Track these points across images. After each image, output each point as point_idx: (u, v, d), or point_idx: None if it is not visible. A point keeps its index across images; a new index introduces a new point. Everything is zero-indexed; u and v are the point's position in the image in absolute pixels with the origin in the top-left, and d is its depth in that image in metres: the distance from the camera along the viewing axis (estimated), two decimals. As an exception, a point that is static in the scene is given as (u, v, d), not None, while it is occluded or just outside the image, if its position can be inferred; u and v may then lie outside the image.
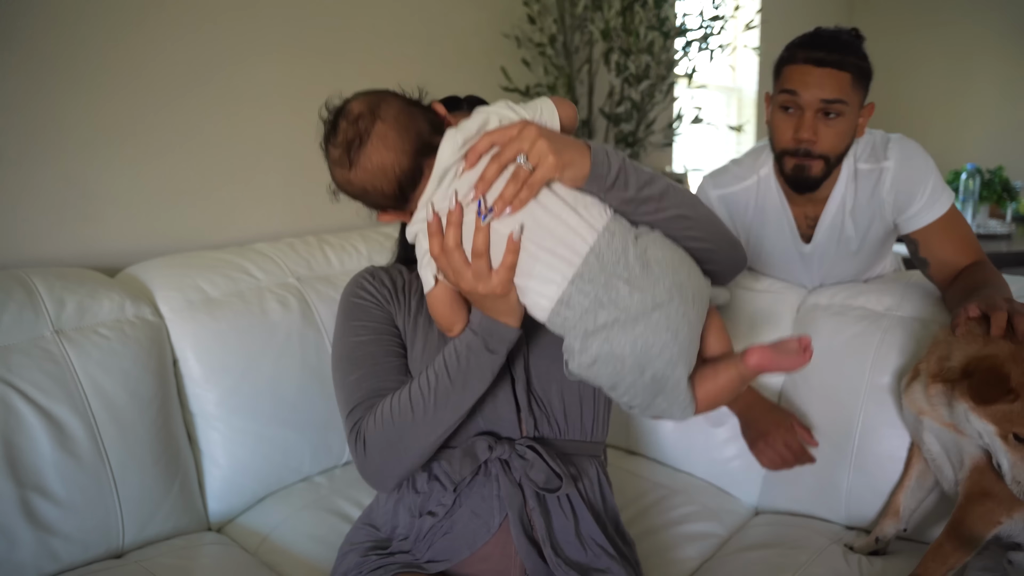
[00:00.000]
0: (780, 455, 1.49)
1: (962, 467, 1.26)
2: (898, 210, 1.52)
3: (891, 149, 1.51)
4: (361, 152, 0.97)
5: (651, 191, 0.99)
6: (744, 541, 1.50)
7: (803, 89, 1.43)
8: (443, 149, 0.96)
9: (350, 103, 1.00)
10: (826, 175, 1.49)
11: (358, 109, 0.98)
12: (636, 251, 0.96)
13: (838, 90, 1.42)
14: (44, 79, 1.56)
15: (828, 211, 1.57)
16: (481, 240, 0.93)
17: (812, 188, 1.52)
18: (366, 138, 0.96)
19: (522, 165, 0.92)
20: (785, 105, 1.46)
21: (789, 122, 1.47)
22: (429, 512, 1.14)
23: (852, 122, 1.46)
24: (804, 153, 1.46)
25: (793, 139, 1.46)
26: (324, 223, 2.07)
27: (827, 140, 1.45)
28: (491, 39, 2.51)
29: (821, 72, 1.42)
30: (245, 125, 1.90)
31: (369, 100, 0.99)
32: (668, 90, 2.71)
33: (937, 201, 1.50)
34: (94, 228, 1.67)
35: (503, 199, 0.92)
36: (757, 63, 4.13)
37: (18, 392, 1.28)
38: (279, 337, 1.60)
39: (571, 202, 0.96)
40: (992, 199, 3.89)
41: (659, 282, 0.94)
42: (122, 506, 1.36)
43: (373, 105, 0.98)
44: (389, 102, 0.99)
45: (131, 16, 1.67)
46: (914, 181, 1.49)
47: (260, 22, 1.90)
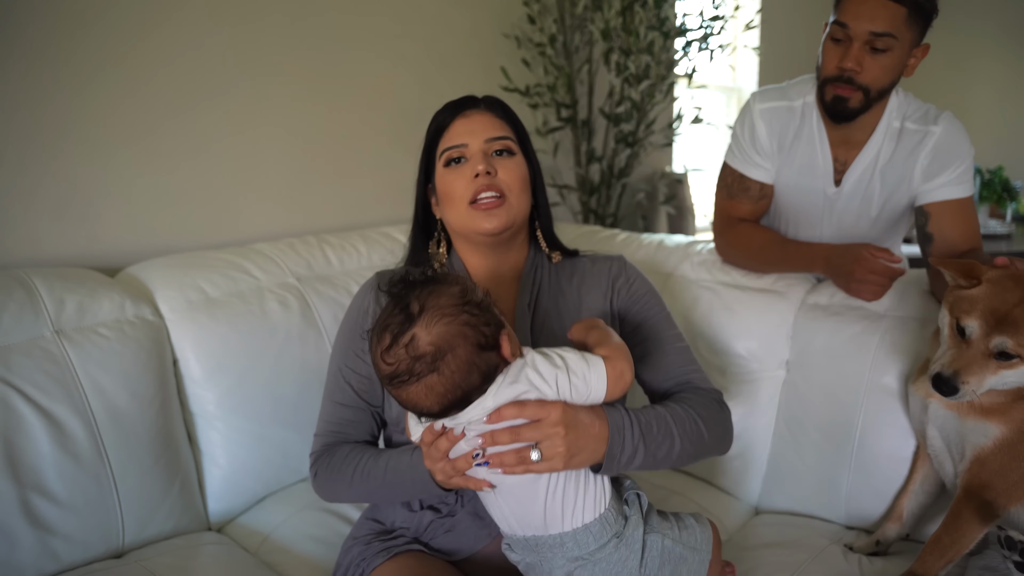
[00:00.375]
0: (873, 284, 1.50)
1: (963, 459, 1.26)
2: (926, 176, 1.54)
3: (943, 119, 1.53)
4: (404, 387, 0.93)
5: (661, 453, 1.04)
6: (744, 541, 1.50)
7: (854, 20, 1.43)
8: (470, 412, 0.94)
9: (418, 329, 0.91)
10: (864, 108, 1.51)
11: (424, 347, 0.90)
12: (617, 554, 0.99)
13: (889, 23, 1.42)
14: (45, 80, 1.56)
15: (863, 159, 1.59)
16: (463, 465, 0.97)
17: (848, 119, 1.54)
18: (414, 380, 0.91)
19: (531, 449, 0.94)
20: (835, 36, 1.47)
21: (836, 51, 1.48)
22: (431, 507, 1.15)
23: (901, 58, 1.47)
24: (847, 81, 1.47)
25: (837, 67, 1.48)
26: (324, 223, 2.07)
27: (871, 72, 1.46)
28: (491, 39, 2.51)
29: (876, 2, 1.41)
30: (245, 125, 1.90)
31: (440, 341, 0.91)
32: (668, 90, 2.71)
33: (963, 182, 1.53)
34: (94, 228, 1.67)
35: (500, 462, 0.95)
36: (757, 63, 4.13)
37: (18, 392, 1.28)
38: (279, 337, 1.60)
39: (563, 486, 0.98)
40: (992, 199, 3.90)
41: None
42: (122, 506, 1.36)
43: (441, 350, 0.91)
44: (457, 352, 0.91)
45: (133, 19, 1.67)
46: (953, 154, 1.52)
47: (261, 23, 1.90)
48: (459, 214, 1.16)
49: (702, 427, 1.09)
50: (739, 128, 1.69)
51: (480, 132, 1.17)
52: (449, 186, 1.17)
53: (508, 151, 1.18)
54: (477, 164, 1.14)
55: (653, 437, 1.02)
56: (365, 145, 2.18)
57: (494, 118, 1.20)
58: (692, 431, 1.07)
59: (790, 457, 1.60)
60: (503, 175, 1.15)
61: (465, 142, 1.17)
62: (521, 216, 1.18)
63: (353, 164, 2.16)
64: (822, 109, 1.58)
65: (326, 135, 2.08)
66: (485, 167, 1.13)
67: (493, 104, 1.22)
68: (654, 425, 1.03)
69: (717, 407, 1.15)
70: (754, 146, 1.66)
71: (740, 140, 1.69)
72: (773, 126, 1.64)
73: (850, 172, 1.60)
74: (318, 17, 2.02)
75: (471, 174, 1.14)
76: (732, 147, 1.72)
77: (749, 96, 1.70)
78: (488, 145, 1.17)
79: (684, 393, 1.16)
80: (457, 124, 1.19)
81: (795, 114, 1.63)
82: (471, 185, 1.14)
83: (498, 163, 1.16)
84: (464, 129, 1.18)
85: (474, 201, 1.14)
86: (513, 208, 1.15)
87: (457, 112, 1.20)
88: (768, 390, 1.64)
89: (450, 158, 1.17)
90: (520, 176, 1.17)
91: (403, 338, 0.91)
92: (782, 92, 1.66)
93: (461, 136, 1.17)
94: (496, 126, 1.19)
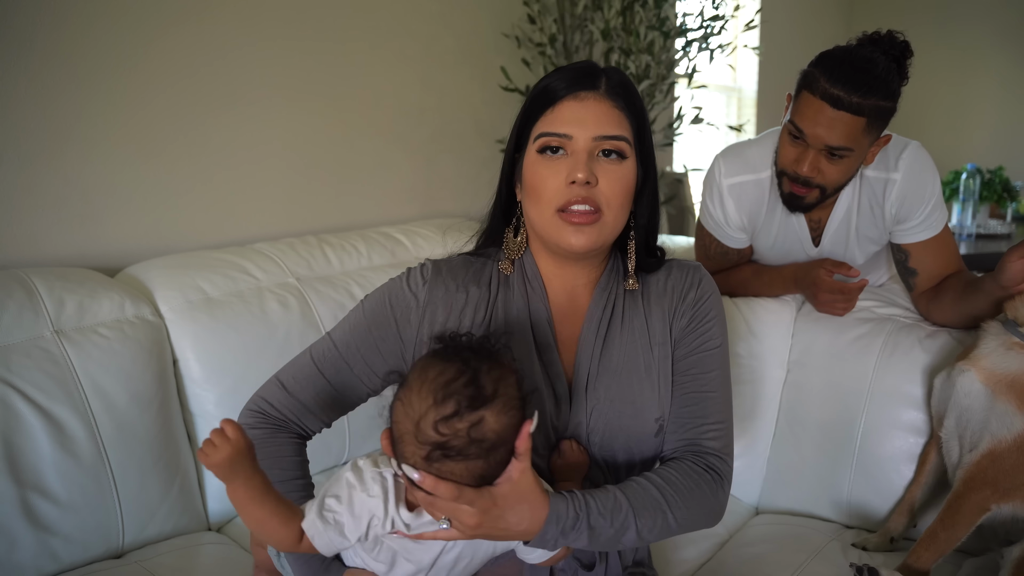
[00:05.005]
0: (837, 303, 1.50)
1: (974, 449, 1.25)
2: (897, 221, 1.53)
3: (903, 160, 1.48)
4: (444, 460, 0.83)
5: (607, 542, 0.92)
6: (744, 541, 1.50)
7: (811, 130, 1.37)
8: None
9: (489, 413, 0.82)
10: (820, 202, 1.48)
11: (488, 433, 0.82)
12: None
13: (846, 137, 1.35)
14: (45, 81, 1.56)
15: (835, 217, 1.57)
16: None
17: (805, 211, 1.52)
18: (460, 459, 0.82)
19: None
20: (793, 135, 1.42)
21: (793, 151, 1.43)
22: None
23: (859, 159, 1.43)
24: (803, 182, 1.44)
25: (793, 170, 1.44)
26: (324, 223, 2.07)
27: (829, 175, 1.42)
28: (491, 39, 2.51)
29: (833, 115, 1.34)
30: (245, 125, 1.90)
31: (504, 432, 0.83)
32: (668, 90, 2.70)
33: (933, 220, 1.51)
34: (94, 228, 1.67)
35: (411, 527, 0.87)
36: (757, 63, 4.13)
37: (18, 392, 1.28)
38: (279, 337, 1.60)
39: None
40: (992, 199, 3.89)
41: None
42: (122, 506, 1.36)
43: (501, 441, 0.83)
44: (508, 447, 0.84)
45: (132, 17, 1.67)
46: (917, 197, 1.49)
47: (261, 24, 1.90)
48: (543, 217, 0.99)
49: (671, 518, 0.95)
50: (709, 200, 1.63)
51: (592, 125, 0.97)
52: (539, 180, 0.99)
53: (619, 154, 0.99)
54: (578, 168, 0.96)
55: (604, 530, 0.91)
56: (365, 145, 2.18)
57: (612, 108, 0.99)
58: (656, 523, 0.94)
59: (791, 457, 1.60)
60: (605, 185, 0.98)
61: (570, 133, 0.97)
62: (614, 234, 1.02)
63: (353, 164, 2.16)
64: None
65: (326, 135, 2.08)
66: (585, 175, 0.96)
67: (616, 89, 1.00)
68: (608, 522, 0.91)
69: (707, 483, 1.00)
70: (727, 221, 1.61)
71: (712, 213, 1.63)
72: (743, 203, 1.59)
73: (826, 231, 1.59)
74: (318, 17, 2.02)
75: (567, 176, 0.96)
76: (705, 215, 1.66)
77: (713, 160, 1.63)
78: (596, 144, 0.98)
79: (673, 462, 1.02)
80: (566, 106, 0.99)
81: (763, 188, 1.57)
82: (564, 190, 0.97)
83: (602, 169, 0.98)
84: (573, 116, 0.98)
85: (563, 209, 0.97)
86: (607, 226, 0.99)
87: (571, 90, 0.99)
88: (770, 390, 1.64)
89: (547, 145, 0.98)
90: (624, 188, 0.99)
91: (471, 416, 0.81)
92: (746, 161, 1.58)
93: (567, 124, 0.98)
94: (613, 121, 0.99)
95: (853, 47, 1.39)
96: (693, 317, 1.07)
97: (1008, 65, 4.74)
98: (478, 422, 0.81)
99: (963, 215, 3.62)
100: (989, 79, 4.82)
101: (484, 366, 0.83)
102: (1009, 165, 4.18)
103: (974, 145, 4.78)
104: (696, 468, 1.00)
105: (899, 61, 1.38)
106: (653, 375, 1.05)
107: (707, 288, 1.09)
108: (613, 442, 1.03)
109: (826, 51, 1.40)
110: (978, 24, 4.77)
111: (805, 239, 1.61)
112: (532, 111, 1.02)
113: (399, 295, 1.07)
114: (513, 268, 1.08)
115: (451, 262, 1.10)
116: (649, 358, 1.05)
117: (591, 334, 1.05)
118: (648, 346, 1.06)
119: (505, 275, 1.08)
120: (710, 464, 1.02)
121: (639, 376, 1.04)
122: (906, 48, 1.39)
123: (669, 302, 1.07)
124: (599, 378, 1.04)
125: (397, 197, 2.27)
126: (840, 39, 1.45)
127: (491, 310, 1.06)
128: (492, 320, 1.05)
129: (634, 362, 1.05)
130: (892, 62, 1.36)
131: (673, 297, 1.08)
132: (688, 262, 1.12)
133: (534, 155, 1.00)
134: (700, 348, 1.06)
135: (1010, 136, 4.76)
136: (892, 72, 1.36)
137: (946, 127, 4.81)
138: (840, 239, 1.59)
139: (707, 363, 1.06)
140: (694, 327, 1.07)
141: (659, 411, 1.04)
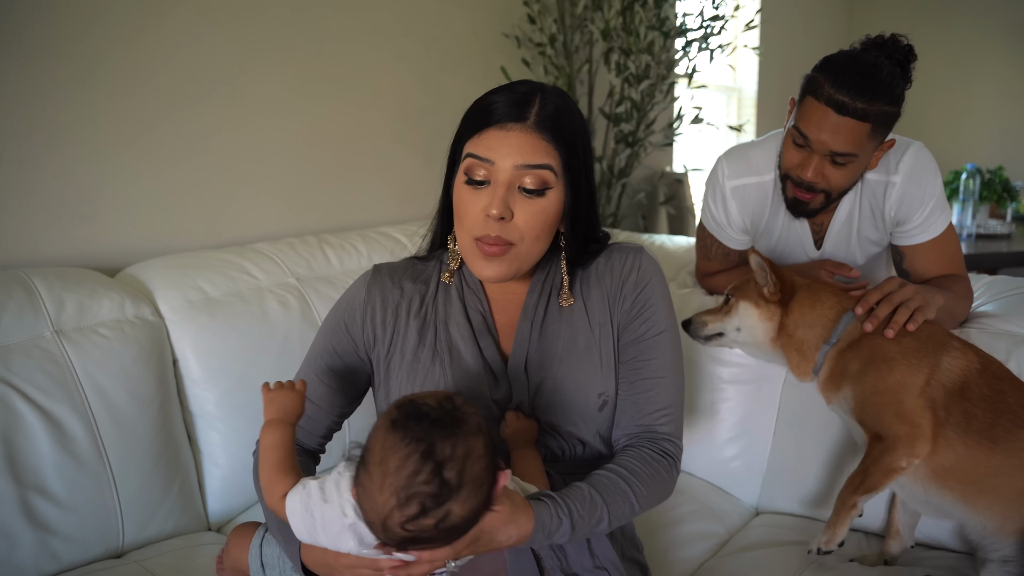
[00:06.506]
0: None
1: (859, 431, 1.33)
2: (896, 223, 1.53)
3: (903, 163, 1.47)
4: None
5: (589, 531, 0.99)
6: (744, 541, 1.50)
7: (816, 136, 1.36)
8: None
9: (456, 505, 0.81)
10: (825, 207, 1.48)
11: (457, 520, 0.82)
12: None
13: (851, 143, 1.34)
14: (45, 79, 1.56)
15: (836, 220, 1.57)
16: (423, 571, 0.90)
17: (809, 216, 1.52)
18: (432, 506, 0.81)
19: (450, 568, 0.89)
20: (797, 141, 1.41)
21: (798, 155, 1.42)
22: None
23: (863, 164, 1.42)
24: (807, 187, 1.43)
25: (798, 175, 1.43)
26: (324, 223, 2.07)
27: (833, 179, 1.41)
28: (491, 39, 2.51)
29: (838, 121, 1.32)
30: (245, 125, 1.90)
31: (473, 515, 0.83)
32: (668, 90, 2.71)
33: (933, 224, 1.50)
34: (94, 228, 1.67)
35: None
36: (757, 63, 4.13)
37: (18, 392, 1.28)
38: (279, 337, 1.60)
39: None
40: (992, 199, 3.89)
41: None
42: (122, 506, 1.36)
43: (471, 520, 0.84)
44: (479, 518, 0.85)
45: (134, 18, 1.67)
46: (916, 199, 1.48)
47: (261, 23, 1.90)
48: (463, 241, 1.05)
49: (635, 502, 1.03)
50: (711, 201, 1.63)
51: (515, 155, 1.00)
52: (462, 207, 1.03)
53: (539, 189, 1.01)
54: (493, 203, 0.99)
55: (584, 525, 0.97)
56: (365, 145, 2.18)
57: (539, 140, 1.01)
58: (623, 509, 1.02)
59: (791, 457, 1.60)
60: (521, 220, 1.01)
61: (493, 159, 1.00)
62: (531, 261, 1.07)
63: (353, 164, 2.16)
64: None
65: (326, 135, 2.08)
66: (499, 211, 0.99)
67: (544, 122, 1.01)
68: (586, 518, 0.97)
69: (664, 468, 1.08)
70: (729, 223, 1.61)
71: (715, 215, 1.63)
72: (746, 205, 1.58)
73: (828, 233, 1.59)
74: (318, 17, 2.02)
75: (484, 208, 1.00)
76: (707, 216, 1.66)
77: (716, 161, 1.62)
78: (518, 173, 1.00)
79: (632, 450, 1.08)
80: (492, 134, 1.01)
81: (766, 190, 1.57)
82: (481, 221, 1.01)
83: (520, 203, 1.01)
84: (496, 143, 1.00)
85: (480, 238, 1.02)
86: (521, 257, 1.04)
87: (499, 120, 1.01)
88: (769, 390, 1.64)
89: (471, 171, 1.02)
90: (542, 221, 1.03)
91: (437, 512, 0.80)
92: (750, 163, 1.57)
93: (490, 150, 1.00)
94: (538, 151, 1.01)
95: (857, 52, 1.38)
96: (636, 302, 1.12)
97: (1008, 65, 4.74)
98: (445, 516, 0.80)
99: (963, 215, 3.62)
100: (989, 79, 4.82)
101: (448, 448, 0.80)
102: (1009, 165, 4.18)
103: (974, 145, 4.78)
104: (653, 455, 1.08)
105: (903, 65, 1.37)
106: (594, 354, 1.11)
107: (647, 273, 1.13)
108: (558, 417, 1.10)
109: (830, 55, 1.39)
110: (978, 24, 4.77)
111: (807, 241, 1.61)
112: (464, 129, 1.06)
113: (345, 299, 1.18)
114: (453, 278, 1.15)
115: (394, 264, 1.19)
116: (590, 338, 1.11)
117: (527, 321, 1.12)
118: (588, 327, 1.12)
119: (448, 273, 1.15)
120: (665, 450, 1.09)
121: (579, 355, 1.11)
122: (910, 52, 1.38)
123: (609, 283, 1.13)
124: (541, 360, 1.11)
125: (397, 197, 2.27)
126: (840, 39, 1.45)
127: (427, 303, 1.14)
128: (429, 312, 1.14)
129: (573, 343, 1.11)
130: (896, 66, 1.36)
131: (613, 280, 1.13)
132: (629, 245, 1.16)
133: (461, 178, 1.04)
134: (646, 335, 1.11)
135: (1010, 136, 4.77)
136: (896, 77, 1.35)
137: (946, 127, 4.81)
138: (841, 241, 1.59)
139: (654, 349, 1.11)
140: (637, 313, 1.12)
141: (602, 387, 1.11)
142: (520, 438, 1.08)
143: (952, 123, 4.87)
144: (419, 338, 1.12)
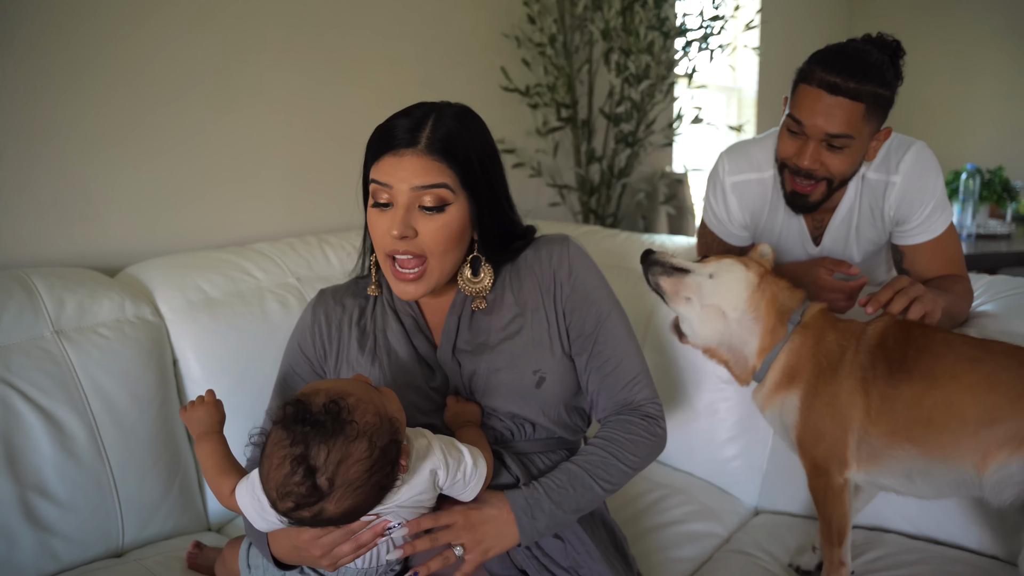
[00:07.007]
0: (838, 304, 1.49)
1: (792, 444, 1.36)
2: (895, 222, 1.53)
3: (904, 163, 1.47)
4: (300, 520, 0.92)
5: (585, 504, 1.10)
6: (744, 541, 1.50)
7: (810, 120, 1.37)
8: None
9: (329, 504, 0.89)
10: (827, 197, 1.48)
11: (332, 514, 0.90)
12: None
13: (846, 124, 1.35)
14: (44, 79, 1.56)
15: (836, 218, 1.57)
16: (368, 538, 0.98)
17: (810, 210, 1.51)
18: (305, 504, 0.89)
19: (454, 552, 1.02)
20: (791, 129, 1.42)
21: (793, 144, 1.43)
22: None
23: (860, 150, 1.42)
24: (805, 175, 1.43)
25: (795, 164, 1.43)
26: (324, 223, 2.07)
27: (832, 166, 1.41)
28: (491, 39, 2.51)
29: (832, 101, 1.34)
30: (245, 125, 1.90)
31: (350, 510, 0.91)
32: (668, 90, 2.71)
33: (933, 224, 1.50)
34: (94, 228, 1.67)
35: (428, 570, 1.01)
36: (757, 63, 4.14)
37: (18, 392, 1.29)
38: (279, 337, 1.59)
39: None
40: (992, 199, 3.89)
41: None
42: (122, 506, 1.36)
43: (351, 513, 0.91)
44: (366, 504, 0.92)
45: (132, 16, 1.67)
46: (916, 199, 1.48)
47: (260, 22, 1.90)
48: (380, 259, 1.13)
49: (623, 464, 1.12)
50: (712, 197, 1.64)
51: (409, 178, 1.06)
52: (372, 226, 1.12)
53: (438, 206, 1.07)
54: (394, 224, 1.06)
55: (570, 496, 1.08)
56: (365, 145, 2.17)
57: (432, 162, 1.07)
58: (612, 472, 1.12)
59: (790, 457, 1.59)
60: (426, 235, 1.08)
61: (391, 183, 1.07)
62: (447, 274, 1.13)
63: (353, 164, 2.14)
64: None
65: (326, 135, 2.08)
66: (400, 231, 1.06)
67: (435, 144, 1.07)
68: (568, 489, 1.08)
69: (644, 427, 1.15)
70: (730, 219, 1.62)
71: (715, 210, 1.64)
72: (745, 201, 1.59)
73: (827, 231, 1.59)
74: (319, 18, 2.02)
75: (389, 227, 1.07)
76: (708, 212, 1.67)
77: (717, 158, 1.63)
78: (416, 194, 1.07)
79: (611, 419, 1.17)
80: (388, 160, 1.08)
81: (766, 187, 1.58)
82: (389, 239, 1.08)
83: (422, 221, 1.07)
84: (393, 168, 1.07)
85: (391, 256, 1.10)
86: (435, 271, 1.11)
87: (393, 146, 1.08)
88: (768, 390, 1.64)
89: (375, 195, 1.09)
90: (446, 235, 1.09)
91: (312, 509, 0.88)
92: (750, 159, 1.58)
93: (388, 175, 1.07)
94: (432, 171, 1.07)
95: (845, 43, 1.41)
96: (576, 288, 1.18)
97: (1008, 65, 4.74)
98: (319, 513, 0.89)
99: (963, 215, 3.62)
100: (989, 79, 4.82)
101: (323, 454, 0.87)
102: (1009, 165, 4.18)
103: (974, 145, 4.77)
104: (632, 419, 1.16)
105: (892, 59, 1.39)
106: (525, 336, 1.17)
107: (576, 262, 1.20)
108: (496, 400, 1.16)
109: (818, 50, 1.42)
110: (978, 24, 4.77)
111: (806, 238, 1.61)
112: (368, 155, 1.13)
113: (298, 325, 1.29)
114: (381, 289, 1.23)
115: (337, 285, 1.31)
116: (521, 322, 1.18)
117: (455, 315, 1.19)
118: (519, 314, 1.18)
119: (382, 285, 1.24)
120: (646, 413, 1.17)
121: (510, 340, 1.17)
122: (898, 47, 1.41)
123: (540, 272, 1.19)
124: (472, 348, 1.18)
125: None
126: (840, 39, 1.45)
127: (367, 315, 1.24)
128: (368, 321, 1.23)
129: (505, 330, 1.17)
130: (885, 57, 1.38)
131: (543, 268, 1.19)
132: (555, 236, 1.23)
133: (371, 200, 1.12)
134: (597, 321, 1.18)
135: (1010, 136, 4.76)
136: (886, 63, 1.38)
137: (946, 127, 4.81)
138: (840, 238, 1.59)
139: (608, 331, 1.18)
140: (580, 302, 1.18)
141: (537, 365, 1.16)
142: (460, 419, 1.14)
143: (952, 123, 4.86)
144: (359, 346, 1.21)
